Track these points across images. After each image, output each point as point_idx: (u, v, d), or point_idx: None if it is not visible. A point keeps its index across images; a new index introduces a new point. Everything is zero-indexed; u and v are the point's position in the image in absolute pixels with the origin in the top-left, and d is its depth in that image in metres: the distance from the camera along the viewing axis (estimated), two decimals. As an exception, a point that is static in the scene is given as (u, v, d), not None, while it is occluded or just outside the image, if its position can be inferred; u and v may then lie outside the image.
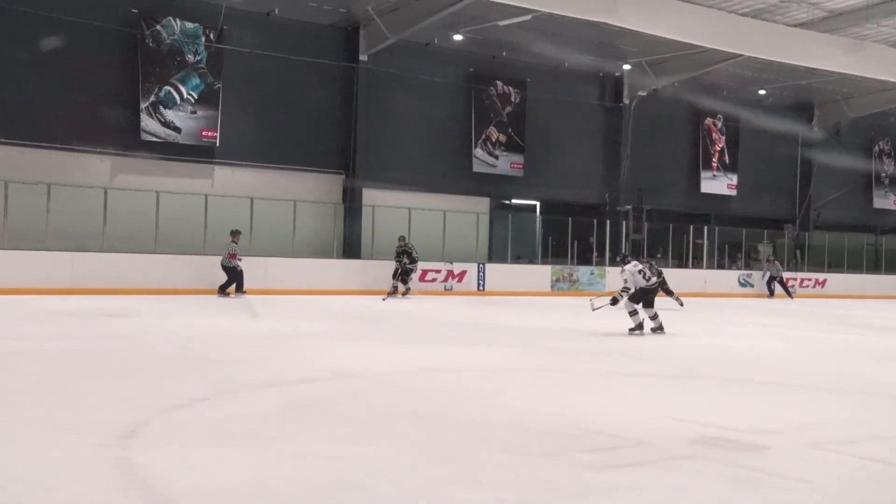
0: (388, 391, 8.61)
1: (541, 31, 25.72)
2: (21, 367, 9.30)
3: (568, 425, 7.04)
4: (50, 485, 5.01)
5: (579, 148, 30.69)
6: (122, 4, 22.67)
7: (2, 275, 18.60)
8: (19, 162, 21.41)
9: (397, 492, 5.08)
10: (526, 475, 5.55)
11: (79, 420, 6.73)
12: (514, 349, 12.37)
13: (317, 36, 25.68)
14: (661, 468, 5.88)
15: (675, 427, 7.10)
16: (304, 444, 6.23)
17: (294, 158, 25.52)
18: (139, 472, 5.40)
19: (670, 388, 9.41)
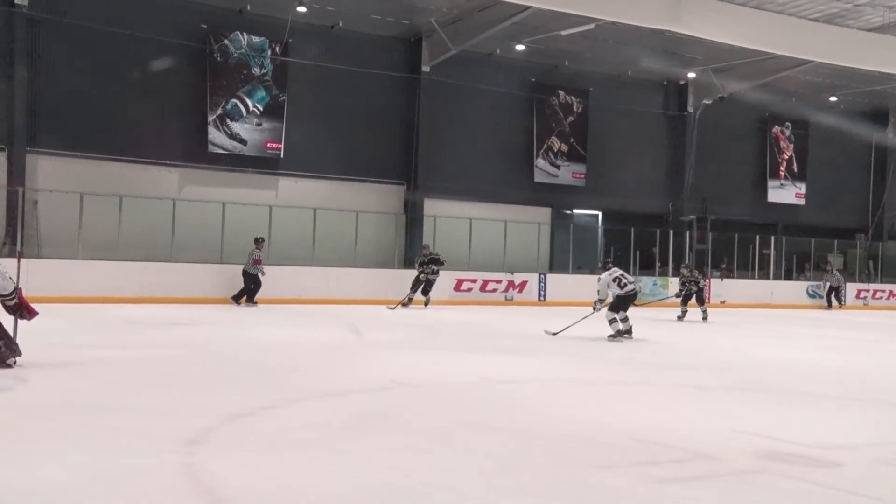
0: (449, 401, 8.62)
1: (604, 39, 25.69)
2: (96, 374, 9.42)
3: (630, 437, 6.94)
4: (120, 489, 5.13)
5: (642, 157, 30.52)
6: (191, 20, 23.19)
7: (77, 283, 19.02)
8: (93, 175, 22.01)
9: (456, 502, 5.11)
10: (586, 487, 5.53)
11: (148, 426, 6.85)
12: (575, 360, 12.35)
13: (380, 48, 25.95)
14: (728, 483, 5.76)
15: (743, 441, 6.95)
16: (364, 453, 6.25)
17: (356, 169, 25.78)
18: (204, 478, 5.49)
19: (737, 401, 9.25)
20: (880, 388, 10.76)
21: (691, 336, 16.93)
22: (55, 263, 19.56)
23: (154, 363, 10.61)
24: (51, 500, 4.95)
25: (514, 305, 24.39)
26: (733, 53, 26.78)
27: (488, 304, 24.08)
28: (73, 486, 5.15)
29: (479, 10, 24.27)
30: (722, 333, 18.18)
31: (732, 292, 28.05)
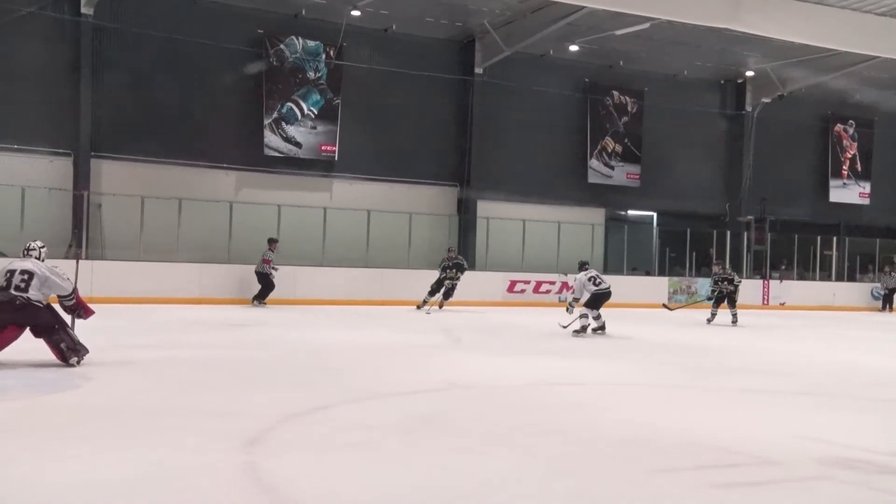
0: (504, 403, 8.57)
1: (659, 39, 25.61)
2: (158, 373, 9.59)
3: (689, 442, 6.89)
4: (179, 486, 5.25)
5: (699, 157, 30.29)
6: (248, 26, 23.54)
7: (138, 285, 19.47)
8: (153, 178, 22.48)
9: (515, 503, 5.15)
10: (644, 493, 5.47)
11: (208, 425, 6.97)
12: (632, 363, 12.18)
13: (433, 50, 26.14)
14: (790, 489, 5.67)
15: (806, 446, 6.83)
16: (421, 454, 6.31)
17: (410, 171, 26.00)
18: (264, 477, 5.57)
19: (799, 406, 9.06)
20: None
21: (746, 339, 16.74)
22: (117, 265, 20.00)
23: (213, 363, 10.77)
24: (116, 496, 5.07)
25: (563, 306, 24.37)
26: (794, 50, 26.47)
27: (541, 305, 24.10)
28: (138, 484, 5.25)
29: (532, 12, 24.36)
30: (778, 336, 18.01)
31: (792, 294, 27.87)
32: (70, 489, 5.15)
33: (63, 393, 8.25)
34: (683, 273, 28.22)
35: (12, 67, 21.28)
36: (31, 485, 5.22)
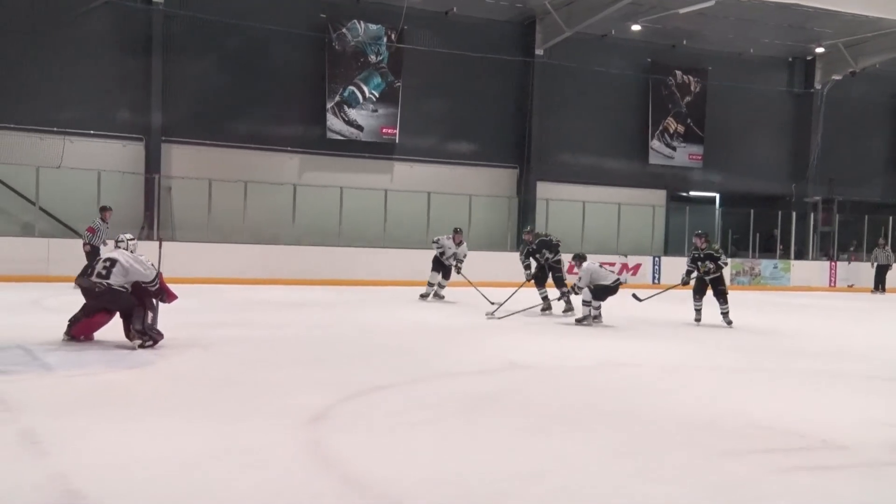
0: (565, 383, 8.62)
1: (724, 16, 25.49)
2: (226, 351, 9.79)
3: (752, 424, 6.81)
4: (246, 461, 5.36)
5: (764, 137, 30.05)
6: (311, 11, 23.88)
7: (206, 266, 19.89)
8: (220, 161, 23.00)
9: (575, 485, 5.10)
10: (709, 474, 5.43)
11: (274, 402, 7.13)
12: (693, 344, 12.00)
13: (493, 32, 26.22)
14: (859, 474, 5.59)
15: (879, 431, 6.74)
16: (482, 433, 6.32)
17: (470, 153, 26.21)
18: (326, 453, 5.67)
19: (865, 389, 8.87)
20: None
21: (807, 321, 16.55)
22: (187, 246, 20.33)
23: (278, 342, 10.88)
24: (186, 468, 5.21)
25: (627, 288, 24.40)
26: (867, 25, 26.30)
27: (602, 286, 24.10)
28: (208, 458, 5.41)
29: (594, -9, 24.35)
30: (844, 318, 17.77)
31: (861, 276, 27.49)
32: (143, 460, 5.33)
33: (138, 369, 8.48)
34: (746, 255, 28.03)
35: (87, 56, 21.84)
36: (108, 454, 5.43)
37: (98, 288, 9.63)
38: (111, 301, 9.69)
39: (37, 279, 17.40)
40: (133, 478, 5.02)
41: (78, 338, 9.77)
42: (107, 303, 9.73)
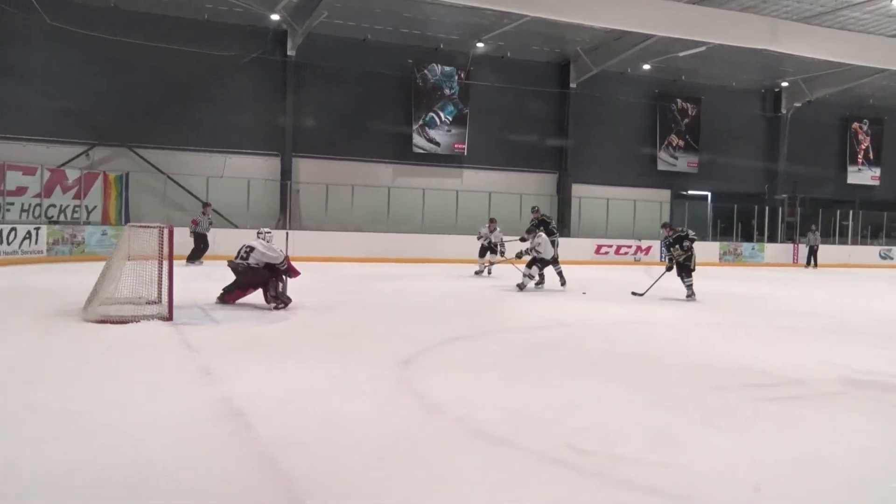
0: (600, 337, 8.50)
1: (713, 59, 24.93)
2: (339, 312, 9.98)
3: (738, 367, 6.82)
4: (355, 392, 5.53)
5: (744, 149, 29.25)
6: (401, 57, 23.84)
7: (324, 248, 20.10)
8: (335, 170, 23.12)
9: (604, 412, 5.22)
10: (703, 404, 5.50)
11: (373, 350, 7.19)
12: (694, 308, 11.80)
13: (537, 70, 25.99)
14: (818, 402, 5.66)
15: (831, 370, 6.78)
16: (533, 374, 6.38)
17: (520, 162, 26.04)
18: (415, 388, 5.75)
19: (827, 340, 8.82)
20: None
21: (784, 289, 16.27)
22: (309, 233, 20.76)
23: (377, 304, 11.01)
24: (313, 395, 5.44)
25: (641, 265, 24.31)
26: (820, 65, 25.51)
27: (621, 264, 24.01)
28: (326, 390, 5.62)
29: (615, 39, 24.08)
30: (808, 287, 17.43)
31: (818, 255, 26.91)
32: (283, 388, 5.58)
33: (277, 324, 8.71)
34: (731, 239, 27.63)
35: (241, 96, 22.21)
36: (258, 383, 5.69)
37: (240, 267, 9.96)
38: (250, 276, 9.94)
39: (206, 257, 17.72)
40: (276, 400, 5.24)
41: (229, 303, 10.10)
42: (247, 277, 10.00)
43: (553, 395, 5.71)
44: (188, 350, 6.93)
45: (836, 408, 5.55)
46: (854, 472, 4.24)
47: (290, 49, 22.20)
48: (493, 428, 4.72)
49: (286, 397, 5.32)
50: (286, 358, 6.75)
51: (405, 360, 6.68)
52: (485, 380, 6.09)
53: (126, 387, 5.50)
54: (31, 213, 17.64)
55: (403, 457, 4.15)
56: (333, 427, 4.65)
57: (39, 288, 11.68)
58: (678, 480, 3.93)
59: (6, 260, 15.78)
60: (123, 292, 9.08)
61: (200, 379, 5.84)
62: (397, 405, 5.25)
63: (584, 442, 4.49)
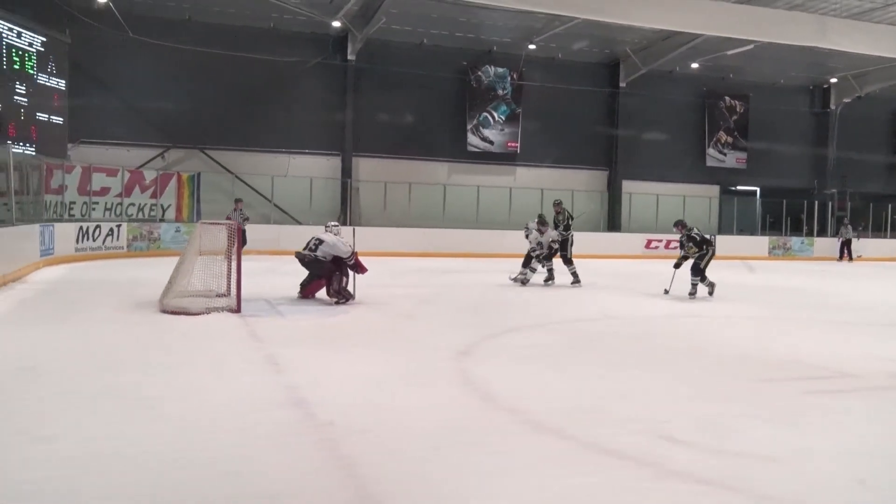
0: (648, 330, 8.41)
1: (761, 56, 24.26)
2: (398, 304, 9.99)
3: (788, 360, 6.66)
4: (413, 382, 5.58)
5: (793, 144, 28.42)
6: (455, 60, 23.86)
7: (383, 243, 19.95)
8: (393, 169, 23.27)
9: (652, 402, 5.14)
10: (752, 396, 5.38)
11: (431, 340, 7.30)
12: (740, 301, 11.52)
13: (588, 71, 25.74)
14: (866, 395, 5.52)
15: (879, 364, 6.61)
16: (583, 364, 6.36)
17: (572, 159, 25.80)
18: (470, 377, 5.78)
19: (872, 334, 8.57)
20: None
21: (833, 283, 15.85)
22: (370, 230, 20.70)
23: (434, 297, 11.05)
24: (373, 383, 5.45)
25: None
26: (870, 61, 24.59)
27: (671, 258, 23.37)
28: (386, 379, 5.65)
29: (663, 39, 23.69)
30: (859, 281, 16.86)
31: (867, 249, 26.03)
32: (345, 377, 5.63)
33: (339, 316, 8.79)
34: (780, 234, 26.87)
35: (304, 99, 22.47)
36: (322, 373, 5.75)
37: (307, 258, 9.89)
38: (316, 267, 9.86)
39: (271, 252, 18.06)
40: (339, 389, 5.29)
41: (310, 296, 10.06)
42: (312, 269, 9.92)
43: (603, 385, 5.66)
44: (255, 341, 7.03)
45: (885, 402, 5.43)
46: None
47: (351, 54, 22.38)
48: (545, 418, 4.70)
49: (348, 387, 5.36)
50: (348, 349, 6.81)
51: (461, 352, 6.70)
52: (536, 371, 6.07)
53: (197, 375, 5.60)
54: (113, 212, 18.16)
55: (460, 445, 4.14)
56: (393, 416, 4.67)
57: (120, 281, 12.01)
58: (730, 470, 3.86)
59: (91, 255, 16.27)
60: (195, 285, 9.27)
61: (267, 368, 5.92)
62: (454, 395, 5.26)
63: (634, 432, 4.43)
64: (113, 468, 3.66)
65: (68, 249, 15.48)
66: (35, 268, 13.13)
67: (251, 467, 3.72)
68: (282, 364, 6.02)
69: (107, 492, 3.38)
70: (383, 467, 3.76)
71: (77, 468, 3.64)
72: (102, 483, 3.48)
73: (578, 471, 3.82)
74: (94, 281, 12.04)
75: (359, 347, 6.89)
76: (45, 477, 3.52)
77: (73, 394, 4.96)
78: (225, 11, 20.85)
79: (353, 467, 3.77)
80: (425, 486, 3.55)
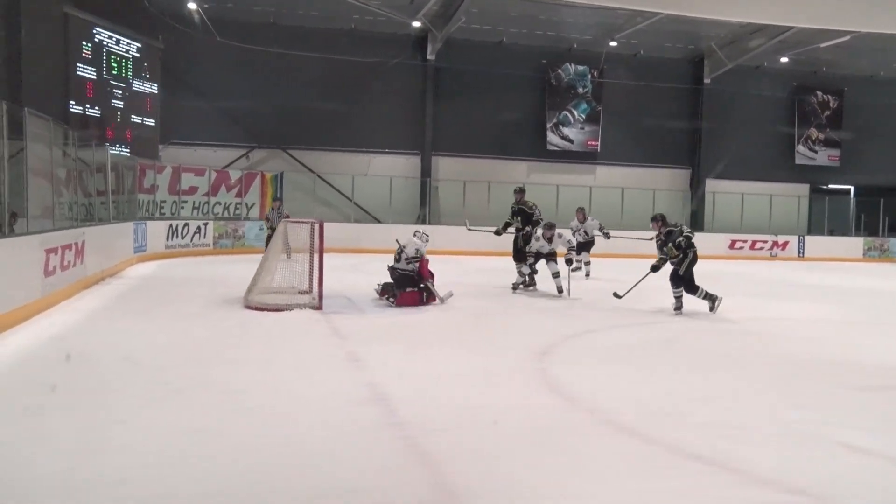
0: (732, 332, 8.25)
1: (858, 47, 23.15)
2: (477, 303, 9.97)
3: (881, 366, 6.43)
4: (492, 381, 5.56)
5: (892, 140, 27.13)
6: (535, 58, 23.68)
7: (463, 242, 19.35)
8: (471, 168, 23.28)
9: (739, 407, 5.03)
10: (845, 403, 5.21)
11: (510, 340, 7.29)
12: (828, 305, 11.16)
13: (670, 67, 25.13)
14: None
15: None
16: (664, 367, 6.27)
17: (653, 158, 25.28)
18: (549, 378, 5.74)
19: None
20: None
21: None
22: (449, 229, 20.91)
23: (513, 296, 11.01)
24: (451, 382, 5.50)
25: (777, 260, 23.05)
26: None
27: (756, 259, 22.90)
28: (465, 375, 5.71)
29: (750, 33, 22.90)
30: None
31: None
32: (423, 375, 5.69)
33: (419, 315, 8.87)
34: (877, 234, 25.57)
35: (384, 99, 22.68)
36: (401, 370, 5.83)
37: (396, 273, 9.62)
38: (400, 275, 9.61)
39: (352, 250, 18.34)
40: (417, 387, 5.36)
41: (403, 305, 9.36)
42: (400, 280, 9.62)
43: (685, 388, 5.55)
44: (337, 337, 7.18)
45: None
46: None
47: (430, 53, 22.55)
48: (625, 419, 4.66)
49: (428, 384, 5.42)
50: (428, 347, 6.88)
51: (541, 352, 6.69)
52: (617, 372, 6.02)
53: (280, 370, 5.77)
54: (201, 210, 18.85)
55: (540, 445, 4.14)
56: (473, 414, 4.69)
57: (207, 277, 12.46)
58: (819, 481, 3.72)
59: (180, 252, 16.93)
60: (279, 282, 9.53)
61: (348, 365, 6.04)
62: (533, 395, 5.25)
63: (718, 437, 4.33)
64: (201, 456, 3.81)
65: (159, 246, 16.17)
66: (129, 264, 13.76)
67: (332, 461, 3.81)
68: (363, 360, 6.13)
69: (194, 478, 3.53)
70: (462, 465, 3.79)
71: (167, 456, 3.82)
72: (190, 471, 3.63)
73: (661, 474, 3.76)
74: (183, 277, 12.53)
75: (438, 346, 6.95)
76: (141, 463, 3.70)
77: (166, 385, 5.19)
78: (307, 14, 21.34)
79: (432, 465, 3.81)
80: (504, 485, 3.56)
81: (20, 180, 8.01)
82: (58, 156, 9.64)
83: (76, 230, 9.74)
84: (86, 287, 10.11)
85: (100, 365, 5.78)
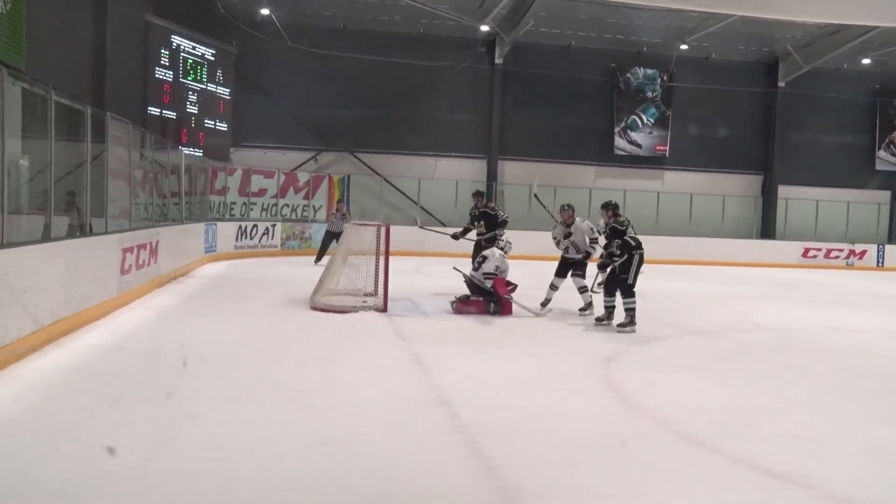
0: (803, 342, 8.08)
1: (950, 47, 22.19)
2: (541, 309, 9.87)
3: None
4: (554, 388, 5.46)
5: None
6: (603, 62, 23.44)
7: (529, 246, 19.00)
8: (538, 172, 22.81)
9: (813, 421, 4.91)
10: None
11: (574, 347, 7.21)
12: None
13: (743, 70, 24.47)
14: None
15: None
16: (732, 377, 6.15)
17: (723, 163, 24.64)
18: (615, 386, 5.70)
19: None
20: None
21: None
22: (514, 233, 20.47)
23: (578, 302, 10.40)
24: (517, 386, 5.51)
25: (854, 270, 22.19)
26: None
27: (830, 268, 22.09)
28: (531, 380, 5.67)
29: (829, 34, 22.04)
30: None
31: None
32: (487, 379, 5.69)
33: (482, 319, 8.79)
34: (962, 242, 24.45)
35: (451, 103, 22.76)
36: (464, 373, 5.84)
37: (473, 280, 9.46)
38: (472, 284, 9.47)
39: (417, 254, 18.45)
40: (481, 390, 5.36)
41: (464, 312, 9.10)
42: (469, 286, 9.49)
43: (756, 399, 5.43)
44: (401, 340, 7.23)
45: None
46: None
47: (498, 57, 22.53)
48: (693, 430, 4.57)
49: (492, 389, 5.41)
50: (492, 350, 6.86)
51: (607, 358, 6.65)
52: (683, 381, 5.93)
53: (346, 370, 5.84)
54: (269, 212, 19.28)
55: (604, 453, 4.09)
56: (536, 420, 4.67)
57: (275, 278, 12.72)
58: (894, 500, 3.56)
59: (248, 252, 17.34)
60: (344, 284, 9.65)
61: (412, 367, 6.08)
62: (597, 402, 5.21)
63: (791, 451, 4.21)
64: (264, 454, 3.89)
65: (228, 247, 16.59)
66: (200, 263, 14.16)
67: (396, 463, 3.84)
68: (427, 363, 6.16)
69: (258, 475, 3.60)
70: (526, 471, 3.77)
71: (232, 451, 3.90)
72: (256, 468, 3.71)
73: (729, 486, 3.67)
74: (251, 277, 12.82)
75: (503, 350, 6.94)
76: (207, 457, 3.80)
77: (234, 383, 5.32)
78: (377, 19, 21.61)
79: (497, 469, 3.80)
80: (568, 492, 3.53)
81: (101, 182, 8.33)
82: (135, 158, 9.99)
83: (151, 230, 10.07)
84: (159, 286, 10.44)
85: (171, 361, 5.96)
